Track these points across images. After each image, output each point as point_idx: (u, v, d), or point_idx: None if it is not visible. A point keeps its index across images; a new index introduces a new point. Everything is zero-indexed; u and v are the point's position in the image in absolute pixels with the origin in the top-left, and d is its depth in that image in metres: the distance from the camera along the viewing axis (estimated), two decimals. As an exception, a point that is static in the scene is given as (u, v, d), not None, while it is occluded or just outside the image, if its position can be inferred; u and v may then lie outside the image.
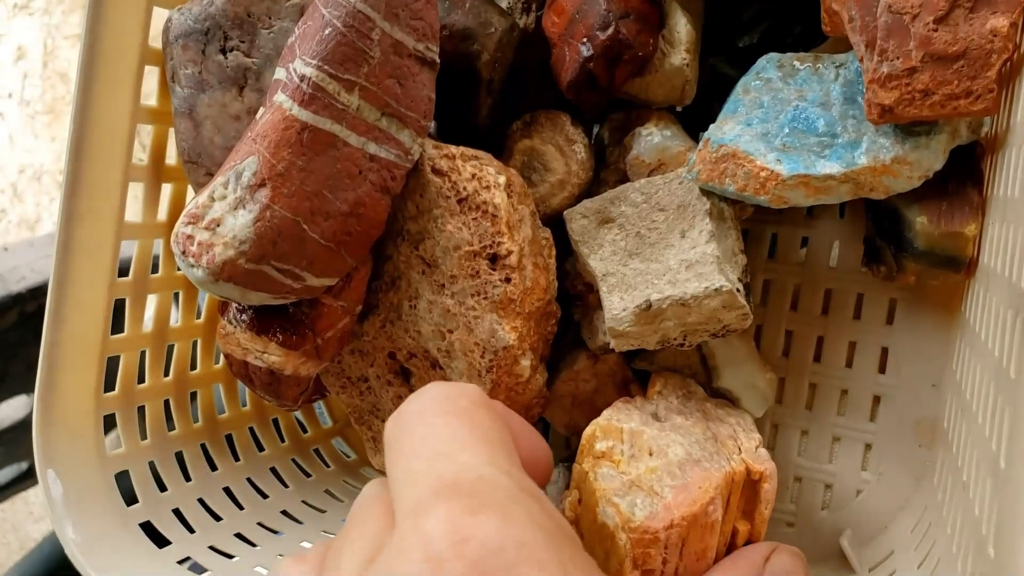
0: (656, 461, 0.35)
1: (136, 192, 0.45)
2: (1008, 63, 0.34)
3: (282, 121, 0.36)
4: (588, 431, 0.36)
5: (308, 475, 0.53)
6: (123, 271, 0.45)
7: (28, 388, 0.87)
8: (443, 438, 0.24)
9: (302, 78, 0.36)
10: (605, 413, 0.37)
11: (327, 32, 0.36)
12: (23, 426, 0.91)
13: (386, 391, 0.45)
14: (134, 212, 0.45)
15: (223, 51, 0.42)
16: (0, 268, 0.87)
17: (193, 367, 0.49)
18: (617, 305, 0.40)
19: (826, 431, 0.47)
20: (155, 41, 0.44)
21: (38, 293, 0.85)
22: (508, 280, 0.40)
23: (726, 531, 0.36)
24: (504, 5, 0.44)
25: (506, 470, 0.23)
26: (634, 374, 0.48)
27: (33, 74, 1.46)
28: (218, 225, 0.36)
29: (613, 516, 0.33)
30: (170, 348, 0.48)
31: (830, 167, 0.38)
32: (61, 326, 0.42)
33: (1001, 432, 0.30)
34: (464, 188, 0.40)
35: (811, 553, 0.46)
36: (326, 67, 0.36)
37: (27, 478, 0.98)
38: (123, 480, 0.44)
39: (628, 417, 0.37)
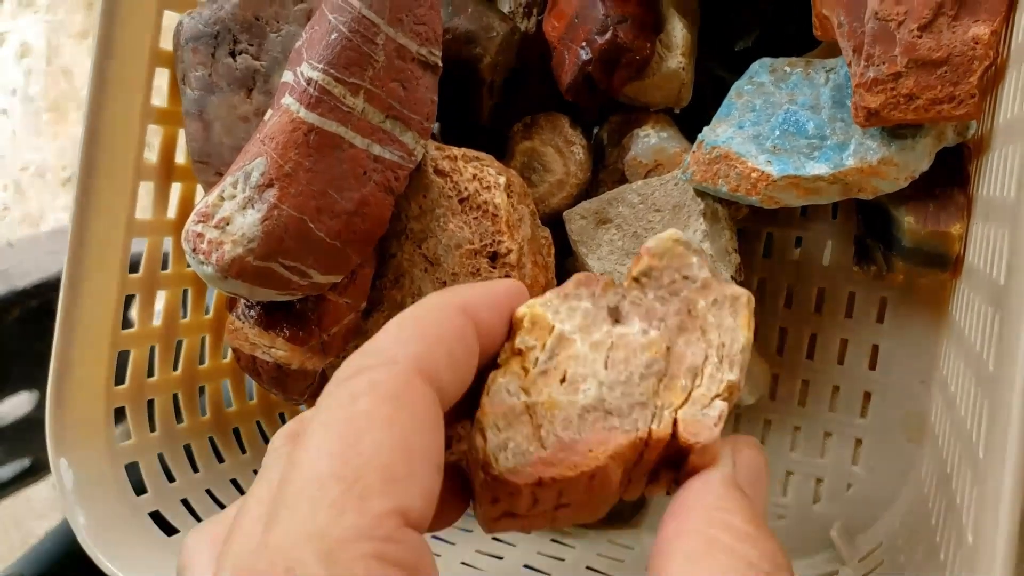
0: (561, 395, 0.27)
1: (146, 190, 0.46)
2: (990, 69, 0.35)
3: (289, 123, 0.37)
4: (520, 311, 0.28)
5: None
6: (133, 268, 0.46)
7: (32, 384, 0.88)
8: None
9: (309, 82, 0.37)
10: (553, 291, 0.28)
11: (333, 37, 0.37)
12: (27, 422, 0.92)
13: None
14: (144, 210, 0.46)
15: (232, 54, 0.43)
16: (5, 265, 0.88)
17: (202, 362, 0.50)
18: (614, 302, 0.41)
19: (818, 426, 0.48)
20: (166, 44, 0.45)
21: (42, 289, 0.86)
22: (508, 277, 0.41)
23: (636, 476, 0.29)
24: (505, 10, 0.46)
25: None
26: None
27: (37, 71, 1.47)
28: (227, 223, 0.38)
29: (479, 447, 0.27)
30: (179, 343, 0.49)
31: (819, 168, 0.39)
32: (73, 321, 0.43)
33: (981, 424, 0.31)
34: (465, 188, 0.41)
35: (803, 545, 0.47)
36: (332, 71, 0.37)
37: (30, 474, 0.98)
38: (133, 471, 0.45)
39: (572, 310, 0.28)
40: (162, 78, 0.46)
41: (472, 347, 0.24)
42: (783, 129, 0.40)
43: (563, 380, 0.27)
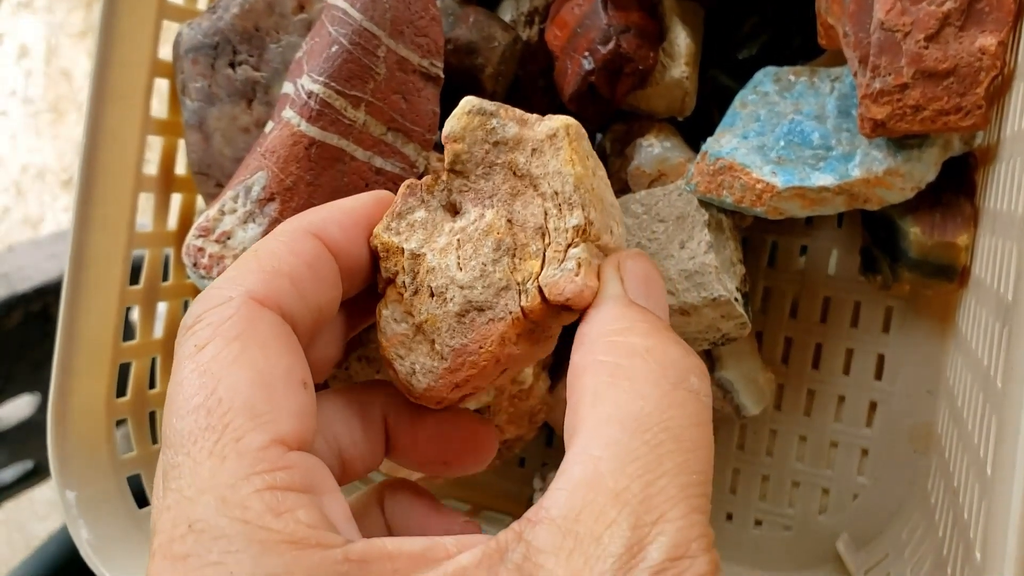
0: (437, 308, 0.27)
1: (146, 202, 0.46)
2: (997, 80, 0.35)
3: (290, 137, 0.37)
4: (373, 242, 0.27)
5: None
6: (134, 278, 0.46)
7: (33, 387, 0.88)
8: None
9: (310, 95, 0.37)
10: (388, 211, 0.28)
11: (334, 50, 0.37)
12: (29, 425, 0.92)
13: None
14: (144, 221, 0.46)
15: (232, 65, 0.43)
16: (5, 268, 0.88)
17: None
18: (617, 314, 0.41)
19: (824, 437, 0.48)
20: (165, 54, 0.45)
21: (43, 292, 0.85)
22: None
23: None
24: (507, 18, 0.45)
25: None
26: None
27: (36, 72, 1.47)
28: (228, 238, 0.37)
29: (394, 378, 0.28)
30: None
31: (824, 179, 0.38)
32: (74, 333, 0.43)
33: (988, 440, 0.30)
34: (468, 200, 0.41)
35: (809, 556, 0.47)
36: (333, 84, 0.37)
37: (33, 476, 0.98)
38: (135, 483, 0.45)
39: (411, 226, 0.27)
40: (162, 89, 0.46)
41: (324, 269, 0.24)
42: (788, 139, 0.40)
43: (432, 295, 0.27)
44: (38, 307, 0.86)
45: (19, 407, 0.91)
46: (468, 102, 0.27)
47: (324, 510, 0.20)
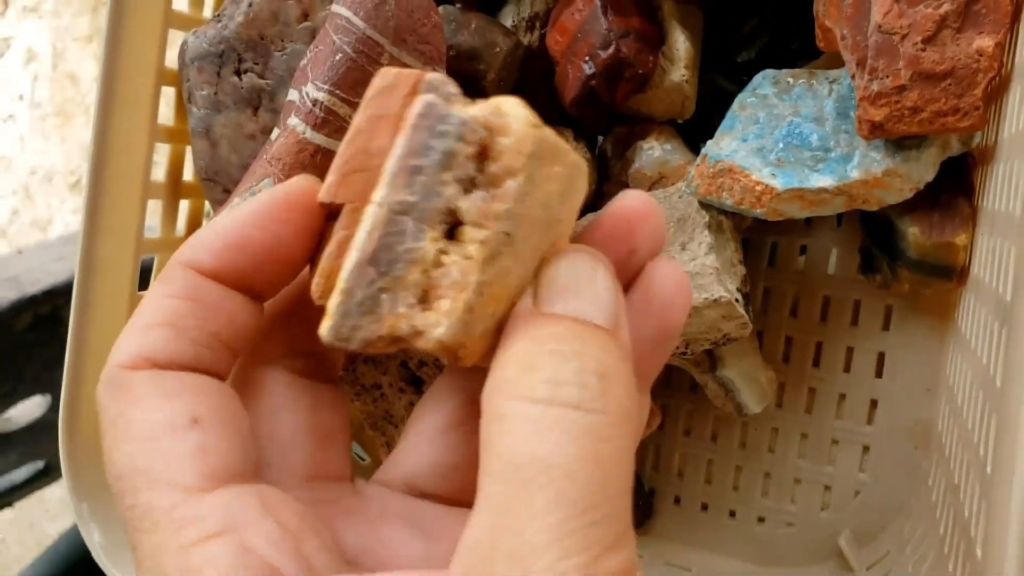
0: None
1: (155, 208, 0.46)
2: (994, 81, 0.35)
3: (296, 144, 0.38)
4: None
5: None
6: (143, 284, 0.46)
7: (44, 388, 0.89)
8: None
9: (314, 102, 0.38)
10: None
11: (338, 58, 0.38)
12: (40, 425, 0.93)
13: (398, 398, 0.46)
14: (153, 227, 0.46)
15: (237, 73, 0.44)
16: (15, 271, 0.88)
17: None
18: (620, 316, 0.41)
19: (825, 434, 0.48)
20: (171, 63, 0.45)
21: (52, 295, 0.86)
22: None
23: None
24: (508, 24, 0.46)
25: None
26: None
27: (43, 76, 1.47)
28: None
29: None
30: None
31: (823, 180, 0.39)
32: (84, 340, 0.43)
33: (988, 438, 0.31)
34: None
35: (811, 552, 0.47)
36: (337, 91, 0.37)
37: (44, 476, 0.99)
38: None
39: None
40: (168, 96, 0.46)
41: (207, 295, 0.22)
42: (787, 142, 0.40)
43: None
44: (47, 309, 0.86)
45: (30, 408, 0.92)
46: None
47: (246, 544, 0.19)
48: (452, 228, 0.20)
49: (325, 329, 0.20)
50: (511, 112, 0.21)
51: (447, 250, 0.20)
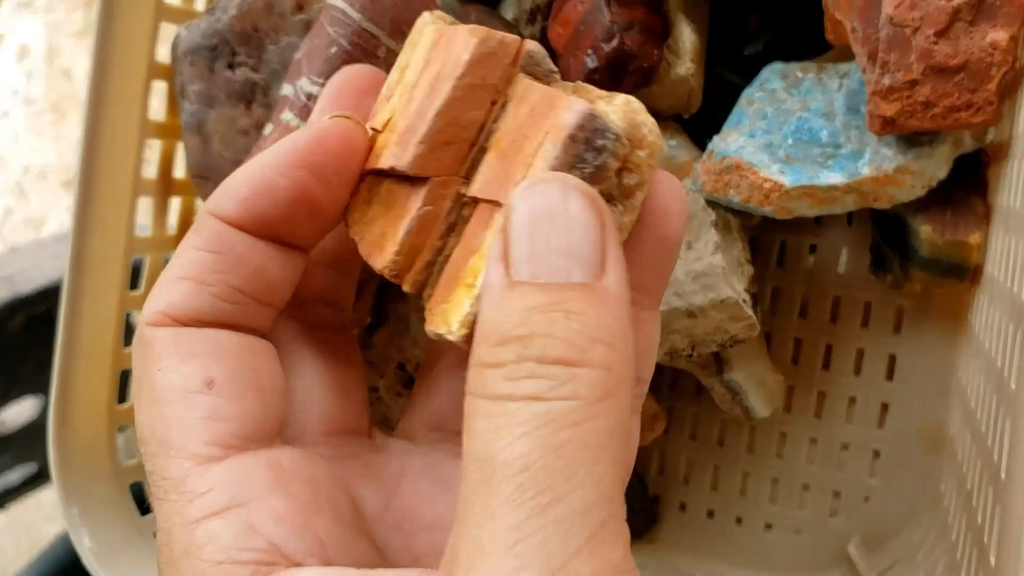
0: None
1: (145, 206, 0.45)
2: (1008, 75, 0.34)
3: (290, 140, 0.37)
4: None
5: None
6: (133, 282, 0.45)
7: (38, 389, 0.88)
8: None
9: (309, 97, 0.36)
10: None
11: (333, 51, 0.36)
12: (33, 427, 0.92)
13: (395, 401, 0.45)
14: (144, 225, 0.45)
15: (231, 66, 0.43)
16: (8, 270, 0.88)
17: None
18: (624, 316, 0.40)
19: (835, 438, 0.47)
20: (163, 56, 0.44)
21: (46, 295, 0.85)
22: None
23: None
24: (509, 17, 0.45)
25: None
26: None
27: (37, 72, 1.46)
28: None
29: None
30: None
31: (833, 177, 0.38)
32: (74, 340, 0.42)
33: (1002, 443, 0.30)
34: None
35: (819, 559, 0.47)
36: (333, 85, 0.36)
37: (38, 479, 0.99)
38: (136, 490, 0.45)
39: None
40: (160, 91, 0.45)
41: (233, 246, 0.21)
42: (796, 137, 0.39)
43: None
44: (41, 309, 0.85)
45: (23, 410, 0.91)
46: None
47: (251, 521, 0.18)
48: None
49: (445, 331, 0.20)
50: (646, 122, 0.20)
51: None
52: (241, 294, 0.21)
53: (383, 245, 0.21)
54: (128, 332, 0.45)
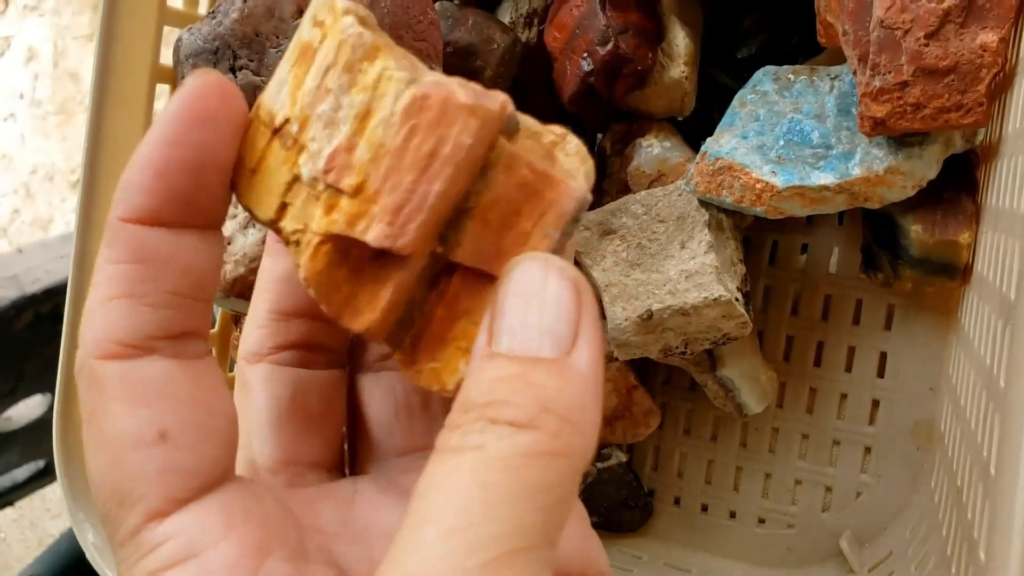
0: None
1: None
2: (998, 76, 0.35)
3: (290, 141, 0.37)
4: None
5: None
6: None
7: (44, 387, 0.89)
8: None
9: (309, 99, 0.37)
10: None
11: (333, 54, 0.37)
12: (40, 425, 0.93)
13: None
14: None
15: (232, 70, 0.43)
16: (15, 270, 0.88)
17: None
18: (619, 315, 0.41)
19: (826, 434, 0.48)
20: (166, 60, 0.45)
21: (52, 294, 0.86)
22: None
23: None
24: (506, 20, 0.45)
25: None
26: (637, 375, 0.49)
27: (44, 75, 1.47)
28: (229, 243, 0.37)
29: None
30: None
31: (825, 178, 0.38)
32: (79, 337, 0.43)
33: (992, 439, 0.30)
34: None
35: (812, 554, 0.47)
36: (332, 88, 0.37)
37: (44, 475, 0.99)
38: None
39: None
40: (163, 94, 0.46)
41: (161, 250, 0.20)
42: (787, 139, 0.40)
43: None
44: (48, 308, 0.86)
45: (31, 407, 0.92)
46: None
47: (203, 569, 0.19)
48: None
49: (439, 390, 0.21)
50: (589, 171, 0.21)
51: None
52: (178, 297, 0.20)
53: (357, 308, 0.21)
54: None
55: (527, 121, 0.21)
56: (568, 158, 0.21)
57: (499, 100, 0.20)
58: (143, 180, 0.19)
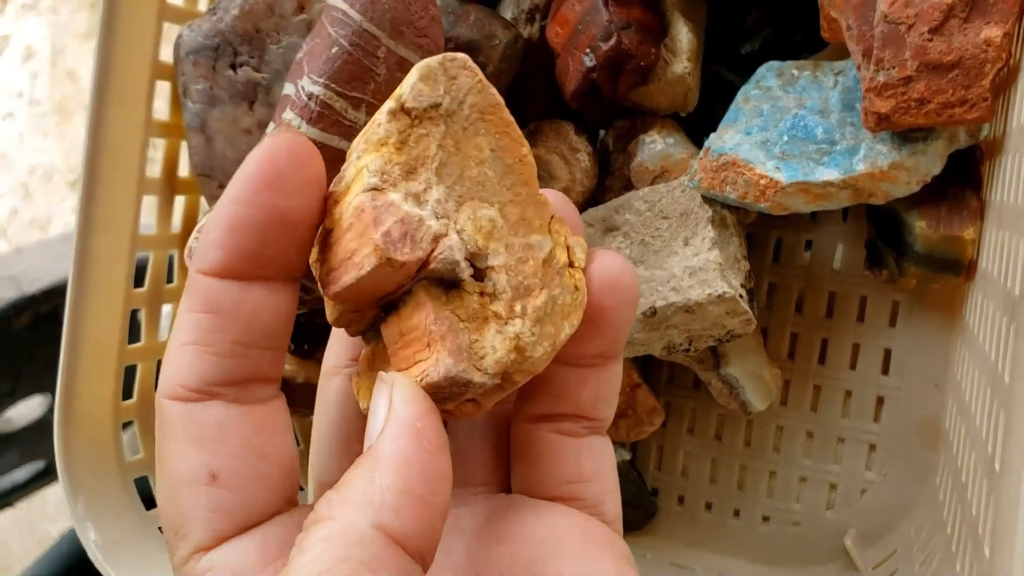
0: None
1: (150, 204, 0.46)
2: (1002, 71, 0.35)
3: (292, 138, 0.37)
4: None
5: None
6: (138, 280, 0.46)
7: (43, 388, 0.88)
8: None
9: (310, 96, 0.37)
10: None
11: (334, 51, 0.37)
12: (39, 425, 0.92)
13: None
14: (148, 224, 0.46)
15: (233, 67, 0.43)
16: (13, 270, 0.88)
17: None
18: (622, 312, 0.41)
19: (831, 432, 0.48)
20: (166, 57, 0.45)
21: (51, 294, 0.86)
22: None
23: None
24: (508, 16, 0.45)
25: None
26: (641, 372, 0.49)
27: (42, 73, 1.47)
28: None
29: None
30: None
31: (829, 174, 0.38)
32: (79, 337, 0.43)
33: (996, 435, 0.30)
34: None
35: (816, 552, 0.47)
36: (333, 85, 0.37)
37: (44, 476, 0.99)
38: (142, 485, 0.45)
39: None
40: (163, 91, 0.46)
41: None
42: (791, 134, 0.40)
43: None
44: (47, 308, 0.86)
45: (30, 408, 0.92)
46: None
47: None
48: None
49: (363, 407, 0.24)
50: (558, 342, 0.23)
51: None
52: (243, 346, 0.21)
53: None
54: (133, 328, 0.45)
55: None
56: (501, 339, 0.22)
57: (414, 256, 0.21)
58: (216, 235, 0.21)
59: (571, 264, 0.23)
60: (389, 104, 0.22)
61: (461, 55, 0.22)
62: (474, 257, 0.22)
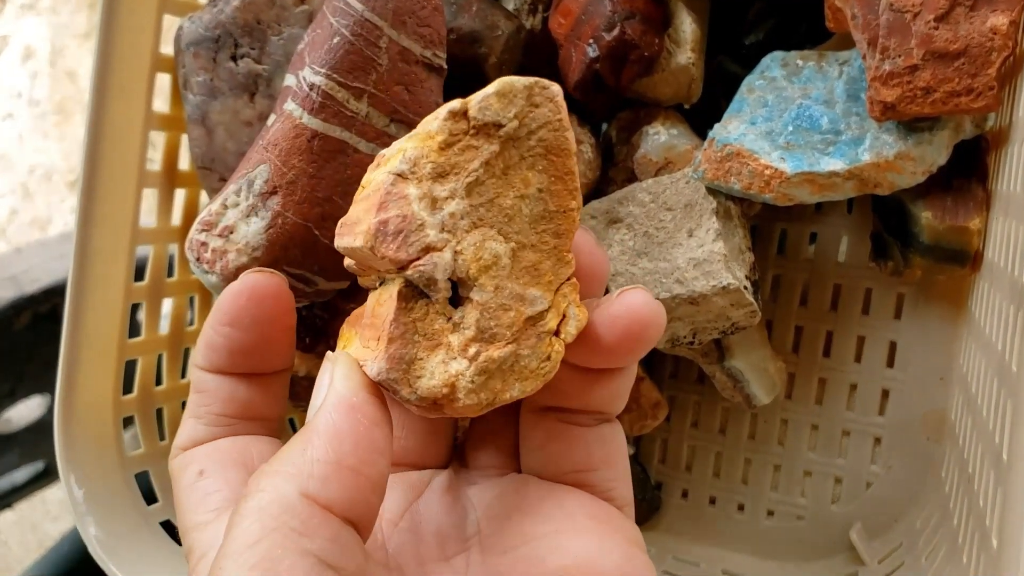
0: None
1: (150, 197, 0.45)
2: (1009, 60, 0.34)
3: (292, 129, 0.37)
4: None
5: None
6: (139, 274, 0.45)
7: (44, 388, 0.88)
8: None
9: (311, 87, 0.37)
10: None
11: (335, 41, 0.37)
12: (40, 426, 0.92)
13: (399, 390, 0.45)
14: (148, 217, 0.45)
15: (234, 58, 0.43)
16: (13, 270, 0.88)
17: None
18: (626, 304, 0.40)
19: (836, 425, 0.47)
20: (166, 48, 0.45)
21: (51, 294, 0.85)
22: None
23: None
24: (510, 7, 0.45)
25: None
26: (644, 366, 0.48)
27: (41, 74, 1.47)
28: (231, 232, 0.37)
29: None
30: (187, 351, 0.48)
31: (834, 164, 0.38)
32: (80, 331, 0.42)
33: (1004, 426, 0.30)
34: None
35: (822, 546, 0.47)
36: (335, 75, 0.37)
37: (44, 477, 0.99)
38: (143, 480, 0.45)
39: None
40: (164, 83, 0.45)
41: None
42: (796, 124, 0.39)
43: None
44: (47, 308, 0.86)
45: (30, 408, 0.91)
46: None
47: None
48: None
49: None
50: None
51: None
52: (225, 417, 0.27)
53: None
54: (133, 324, 0.45)
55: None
56: (443, 370, 0.22)
57: (398, 255, 0.22)
58: (200, 347, 0.27)
59: (557, 333, 0.23)
60: (458, 103, 0.22)
61: (556, 86, 0.23)
62: (460, 282, 0.22)
